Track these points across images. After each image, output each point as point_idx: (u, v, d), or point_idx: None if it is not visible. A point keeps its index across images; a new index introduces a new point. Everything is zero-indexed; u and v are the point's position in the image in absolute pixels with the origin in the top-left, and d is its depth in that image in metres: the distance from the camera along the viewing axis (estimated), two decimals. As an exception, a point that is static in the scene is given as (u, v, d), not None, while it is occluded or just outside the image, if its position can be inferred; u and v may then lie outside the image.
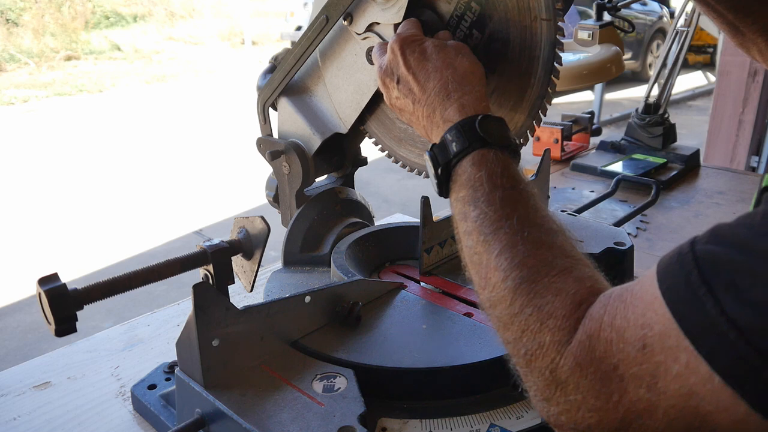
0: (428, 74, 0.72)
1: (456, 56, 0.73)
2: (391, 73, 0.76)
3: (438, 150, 0.67)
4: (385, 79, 0.77)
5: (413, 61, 0.74)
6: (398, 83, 0.75)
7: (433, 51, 0.74)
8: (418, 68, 0.73)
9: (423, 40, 0.76)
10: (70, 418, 0.87)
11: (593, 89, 6.42)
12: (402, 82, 0.75)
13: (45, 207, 4.95)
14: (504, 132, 0.67)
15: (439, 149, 0.67)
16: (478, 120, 0.66)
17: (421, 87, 0.72)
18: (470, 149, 0.65)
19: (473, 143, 0.65)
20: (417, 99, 0.72)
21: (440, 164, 0.67)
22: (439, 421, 0.70)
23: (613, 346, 0.47)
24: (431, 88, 0.71)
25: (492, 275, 0.57)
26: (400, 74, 0.75)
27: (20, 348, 3.13)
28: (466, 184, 0.64)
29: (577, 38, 1.87)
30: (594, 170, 1.95)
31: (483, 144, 0.65)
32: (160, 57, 12.07)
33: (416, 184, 4.98)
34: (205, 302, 0.68)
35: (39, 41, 11.55)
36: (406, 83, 0.74)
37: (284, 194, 1.07)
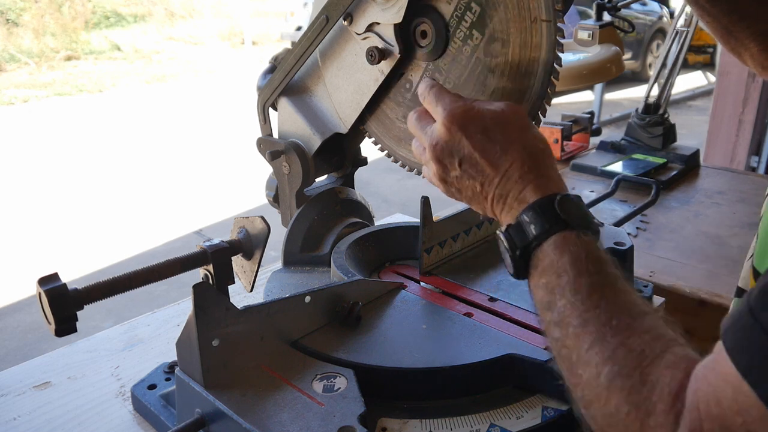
0: (499, 155, 0.66)
1: (521, 131, 0.68)
2: (450, 153, 0.69)
3: (514, 232, 0.63)
4: (443, 158, 0.70)
5: (479, 141, 0.67)
6: (461, 164, 0.68)
7: (497, 127, 0.67)
8: (487, 148, 0.66)
9: (480, 113, 0.69)
10: (70, 418, 0.87)
11: (593, 89, 6.42)
12: (467, 163, 0.68)
13: (45, 207, 4.95)
14: (584, 212, 0.64)
15: (515, 231, 0.63)
16: (557, 200, 0.62)
17: (494, 168, 0.66)
18: (551, 232, 0.60)
19: (553, 226, 0.60)
20: (488, 181, 0.67)
21: (518, 247, 0.62)
22: (439, 421, 0.70)
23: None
24: (505, 169, 0.65)
25: (584, 371, 0.54)
26: (464, 155, 0.68)
27: (20, 348, 3.13)
28: (548, 270, 0.59)
29: (577, 38, 1.87)
30: (594, 170, 1.95)
31: (564, 226, 0.60)
32: (160, 57, 12.07)
33: (416, 184, 4.99)
34: (205, 302, 0.68)
35: (39, 41, 11.55)
36: (474, 165, 0.67)
37: (284, 194, 1.07)
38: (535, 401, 0.72)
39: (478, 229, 1.02)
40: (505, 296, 0.88)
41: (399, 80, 0.96)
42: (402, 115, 0.98)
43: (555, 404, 0.71)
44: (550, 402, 0.71)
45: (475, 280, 0.92)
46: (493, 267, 0.96)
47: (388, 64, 0.92)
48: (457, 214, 0.98)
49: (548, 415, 0.70)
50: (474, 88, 0.89)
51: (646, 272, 1.35)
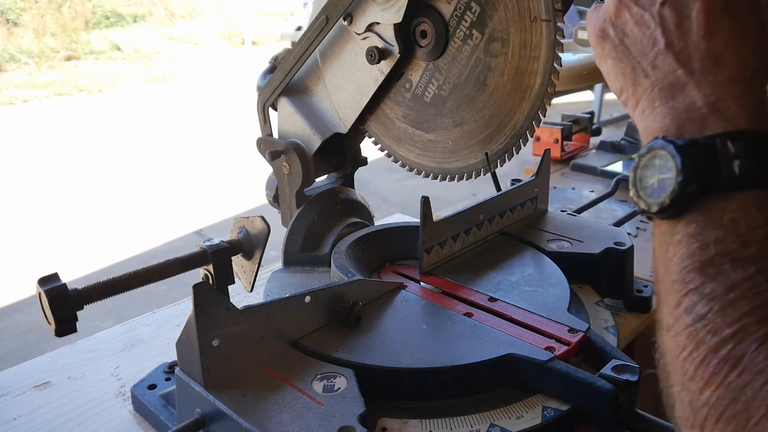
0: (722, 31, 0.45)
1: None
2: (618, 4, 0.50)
3: (698, 154, 0.42)
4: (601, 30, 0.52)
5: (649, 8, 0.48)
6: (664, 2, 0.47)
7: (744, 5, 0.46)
8: (715, 11, 0.45)
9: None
10: (70, 418, 0.87)
11: (593, 89, 6.42)
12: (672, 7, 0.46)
13: (45, 207, 4.95)
14: None
15: (700, 154, 0.42)
16: None
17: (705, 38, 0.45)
18: (761, 182, 0.41)
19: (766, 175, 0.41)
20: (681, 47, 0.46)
21: (698, 180, 0.42)
22: (439, 421, 0.70)
23: None
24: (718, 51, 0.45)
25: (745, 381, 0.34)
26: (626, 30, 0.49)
27: (20, 348, 3.13)
28: (731, 229, 0.40)
29: (577, 38, 1.86)
30: (594, 170, 1.95)
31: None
32: (160, 57, 12.07)
33: (416, 184, 4.99)
34: (205, 302, 0.67)
35: (39, 41, 11.55)
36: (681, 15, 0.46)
37: (284, 194, 1.07)
38: (535, 401, 0.72)
39: (478, 229, 1.02)
40: (505, 296, 0.88)
41: (399, 80, 0.96)
42: (402, 115, 0.98)
43: (555, 404, 0.71)
44: (550, 402, 0.71)
45: (475, 280, 0.92)
46: (493, 267, 0.96)
47: (388, 64, 0.92)
48: (457, 214, 0.98)
49: (548, 415, 0.70)
50: (474, 88, 0.89)
51: (646, 272, 1.35)
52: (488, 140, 0.92)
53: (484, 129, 0.91)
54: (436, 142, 0.97)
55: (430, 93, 0.93)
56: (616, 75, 0.51)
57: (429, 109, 0.95)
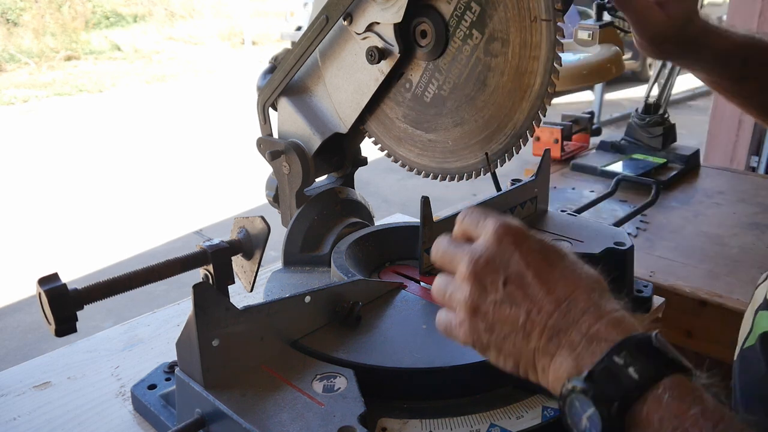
0: (557, 279, 0.53)
1: (580, 264, 0.55)
2: (494, 269, 0.55)
3: (601, 380, 0.46)
4: (484, 276, 0.55)
5: (535, 259, 0.54)
6: (506, 284, 0.54)
7: (555, 252, 0.55)
8: (543, 268, 0.53)
9: (535, 234, 0.57)
10: (70, 418, 0.87)
11: (593, 89, 6.42)
12: (514, 284, 0.53)
13: (45, 207, 4.95)
14: (678, 353, 0.49)
15: (603, 378, 0.46)
16: (655, 337, 0.48)
17: (550, 293, 0.52)
18: (660, 376, 0.46)
19: (662, 368, 0.46)
20: (538, 308, 0.52)
21: (614, 400, 0.45)
22: (439, 421, 0.70)
23: None
24: (565, 296, 0.52)
25: None
26: (511, 273, 0.54)
27: (20, 348, 3.13)
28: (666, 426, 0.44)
29: (577, 38, 1.87)
30: (594, 170, 1.95)
31: (675, 368, 0.46)
32: (160, 57, 12.08)
33: (416, 184, 5.00)
34: (205, 302, 0.67)
35: (39, 41, 11.55)
36: (523, 286, 0.53)
37: (284, 194, 1.07)
38: (535, 401, 0.72)
39: (478, 229, 1.02)
40: (505, 296, 0.87)
41: (399, 80, 0.96)
42: (402, 115, 0.98)
43: (555, 404, 0.71)
44: (550, 402, 0.71)
45: (475, 280, 0.92)
46: (493, 267, 0.96)
47: (388, 64, 0.92)
48: (457, 214, 0.98)
49: (548, 415, 0.70)
50: (474, 88, 0.89)
51: (646, 272, 1.35)
52: (488, 140, 0.92)
53: (484, 129, 0.91)
54: (436, 142, 0.97)
55: (430, 93, 0.93)
56: (505, 359, 0.56)
57: (429, 109, 0.95)
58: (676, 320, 1.34)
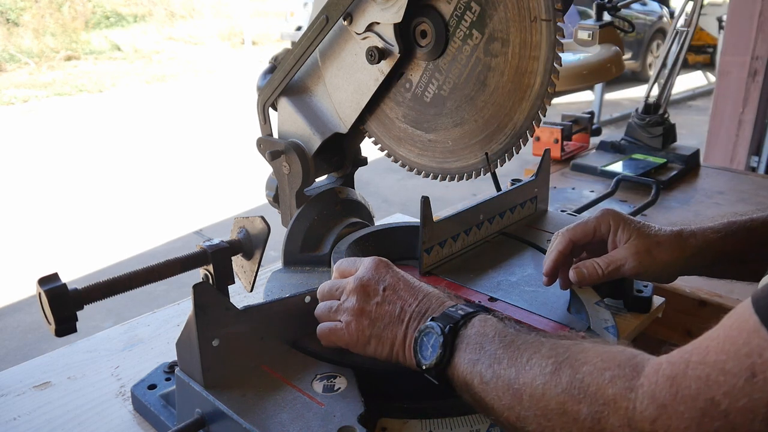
0: (419, 287, 0.73)
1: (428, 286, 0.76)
2: (376, 282, 0.74)
3: (441, 319, 0.67)
4: (368, 286, 0.74)
5: (403, 277, 0.75)
6: (385, 290, 0.73)
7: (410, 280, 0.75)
8: (410, 282, 0.74)
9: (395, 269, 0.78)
10: (70, 418, 0.87)
11: (593, 89, 6.42)
12: (390, 290, 0.73)
13: (45, 207, 4.95)
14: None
15: (442, 319, 0.67)
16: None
17: (415, 293, 0.72)
18: (475, 313, 0.67)
19: (477, 310, 0.68)
20: (408, 303, 0.72)
21: (447, 325, 0.66)
22: (439, 421, 0.70)
23: (710, 380, 0.45)
24: (424, 293, 0.72)
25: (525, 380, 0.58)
26: (388, 284, 0.74)
27: (20, 348, 3.13)
28: (476, 339, 0.64)
29: (577, 38, 1.87)
30: (594, 170, 1.95)
31: (486, 312, 0.68)
32: (160, 57, 12.07)
33: (416, 184, 5.00)
34: (205, 302, 0.67)
35: (39, 41, 11.55)
36: (397, 291, 0.73)
37: (284, 194, 1.07)
38: (535, 401, 0.72)
39: (478, 229, 1.02)
40: (505, 296, 0.88)
41: (399, 80, 0.96)
42: (402, 115, 0.98)
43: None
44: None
45: (475, 280, 0.92)
46: (493, 267, 0.96)
47: (388, 64, 0.92)
48: (457, 214, 0.98)
49: (548, 415, 0.70)
50: (474, 88, 0.89)
51: (646, 272, 1.35)
52: (488, 140, 0.92)
53: (484, 129, 0.91)
54: (436, 142, 0.97)
55: (430, 93, 0.93)
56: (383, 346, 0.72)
57: (429, 109, 0.95)
58: (676, 320, 1.34)
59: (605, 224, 0.84)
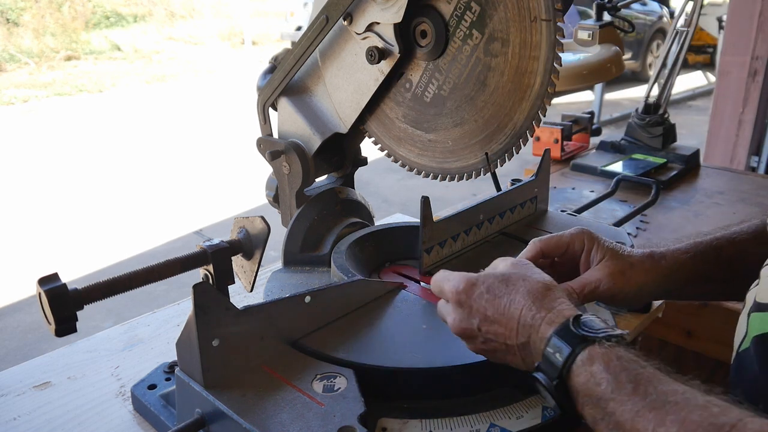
0: (507, 306, 0.68)
1: (523, 279, 0.69)
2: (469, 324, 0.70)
3: (545, 367, 0.62)
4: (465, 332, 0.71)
5: (486, 300, 0.69)
6: (480, 329, 0.69)
7: (500, 283, 0.69)
8: (495, 304, 0.68)
9: (481, 279, 0.71)
10: (70, 418, 0.87)
11: (593, 89, 6.42)
12: (485, 325, 0.69)
13: (45, 207, 4.94)
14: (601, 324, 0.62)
15: (545, 366, 0.62)
16: (571, 322, 0.62)
17: (508, 320, 0.67)
18: (576, 352, 0.60)
19: (576, 346, 0.60)
20: (508, 335, 0.67)
21: (553, 378, 0.61)
22: (439, 421, 0.70)
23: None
24: (516, 317, 0.66)
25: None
26: (480, 320, 0.69)
27: (20, 348, 3.13)
28: (587, 386, 0.58)
29: (577, 38, 1.87)
30: (594, 170, 1.95)
31: (587, 343, 0.60)
32: (160, 57, 12.07)
33: (416, 184, 5.00)
34: (205, 302, 0.67)
35: (39, 41, 11.55)
36: (491, 323, 0.68)
37: (284, 194, 1.07)
38: (535, 401, 0.72)
39: (478, 229, 1.02)
40: (505, 296, 0.87)
41: (399, 80, 0.96)
42: (402, 115, 0.98)
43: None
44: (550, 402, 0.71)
45: (475, 280, 0.92)
46: (493, 267, 0.96)
47: (388, 64, 0.92)
48: (457, 214, 0.98)
49: (548, 415, 0.70)
50: (474, 88, 0.89)
51: (646, 272, 1.35)
52: (488, 140, 0.92)
53: (484, 129, 0.91)
54: (436, 142, 0.97)
55: (430, 93, 0.93)
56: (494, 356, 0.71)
57: (429, 109, 0.95)
58: (676, 320, 1.34)
59: (579, 242, 0.82)
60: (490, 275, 0.71)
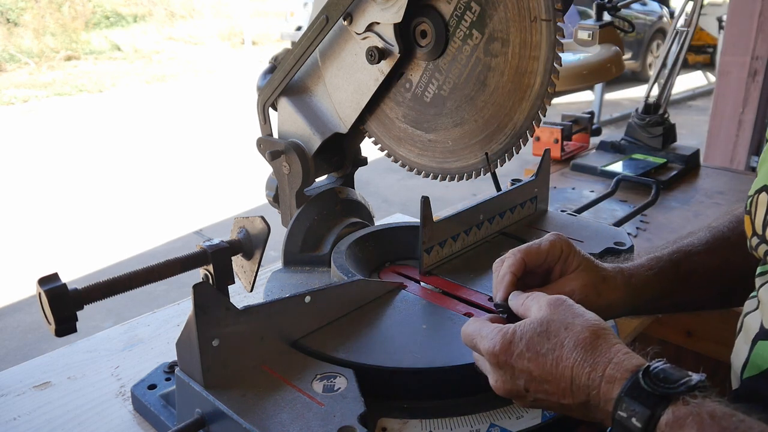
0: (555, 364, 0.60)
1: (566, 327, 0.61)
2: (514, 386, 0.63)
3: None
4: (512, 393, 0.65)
5: (529, 360, 0.61)
6: (528, 390, 0.62)
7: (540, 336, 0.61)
8: (540, 362, 0.60)
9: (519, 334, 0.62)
10: (70, 418, 0.87)
11: (593, 89, 6.42)
12: (533, 385, 0.62)
13: (45, 207, 4.95)
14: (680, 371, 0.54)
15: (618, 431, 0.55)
16: (640, 377, 0.53)
17: (558, 380, 0.60)
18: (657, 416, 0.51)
19: (657, 406, 0.52)
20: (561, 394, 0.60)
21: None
22: (439, 421, 0.70)
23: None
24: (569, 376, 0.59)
25: None
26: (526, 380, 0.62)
27: (20, 348, 3.13)
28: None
29: (577, 38, 1.87)
30: (594, 170, 1.95)
31: (668, 401, 0.52)
32: (160, 57, 12.07)
33: (416, 184, 5.00)
34: (205, 302, 0.67)
35: (39, 41, 11.55)
36: (540, 383, 0.61)
37: (284, 194, 1.07)
38: (535, 401, 0.72)
39: (478, 229, 1.02)
40: (505, 296, 0.87)
41: (399, 80, 0.96)
42: (402, 115, 0.98)
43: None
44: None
45: (475, 280, 0.92)
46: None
47: (388, 64, 0.92)
48: (457, 214, 0.98)
49: (548, 415, 0.70)
50: (474, 88, 0.89)
51: (646, 272, 1.35)
52: (488, 140, 0.92)
53: (484, 129, 0.91)
54: (436, 142, 0.97)
55: (430, 93, 0.93)
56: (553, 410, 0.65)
57: (429, 109, 0.95)
58: (676, 320, 1.34)
59: (557, 249, 0.78)
60: (527, 327, 0.63)
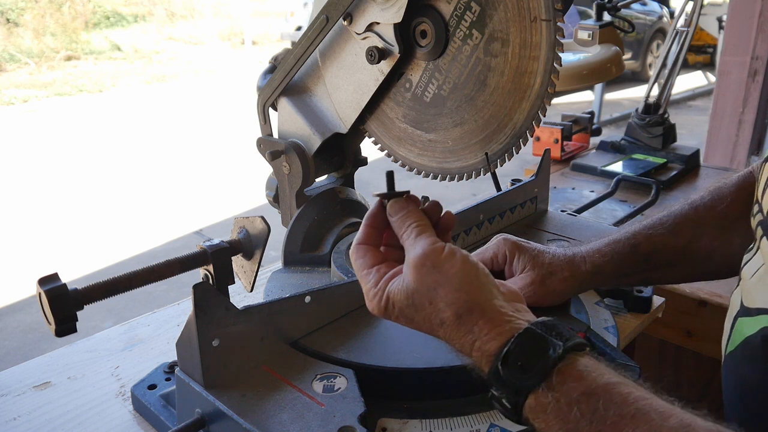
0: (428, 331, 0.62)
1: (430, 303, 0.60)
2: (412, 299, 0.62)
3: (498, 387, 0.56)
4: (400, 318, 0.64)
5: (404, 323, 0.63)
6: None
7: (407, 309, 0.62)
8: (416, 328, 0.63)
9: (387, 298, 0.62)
10: (70, 418, 0.87)
11: (593, 89, 6.42)
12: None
13: (45, 207, 4.95)
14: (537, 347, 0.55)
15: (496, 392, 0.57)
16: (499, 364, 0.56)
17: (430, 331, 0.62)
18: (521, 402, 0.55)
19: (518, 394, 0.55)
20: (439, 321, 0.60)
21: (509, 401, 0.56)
22: (439, 421, 0.70)
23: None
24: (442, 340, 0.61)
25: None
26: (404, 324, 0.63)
27: (20, 348, 3.13)
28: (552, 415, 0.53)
29: (577, 38, 1.87)
30: (594, 170, 1.95)
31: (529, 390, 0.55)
32: (160, 57, 12.07)
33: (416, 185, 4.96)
34: (205, 302, 0.67)
35: (39, 41, 11.55)
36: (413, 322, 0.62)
37: (284, 194, 1.07)
38: (535, 401, 0.72)
39: (478, 229, 1.02)
40: (505, 296, 0.87)
41: (399, 80, 0.96)
42: (402, 115, 0.98)
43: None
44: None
45: (475, 280, 0.92)
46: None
47: (388, 64, 0.92)
48: (457, 214, 0.98)
49: (548, 415, 0.70)
50: (474, 88, 0.89)
51: (646, 272, 1.35)
52: (488, 140, 0.92)
53: (484, 129, 0.91)
54: (436, 142, 0.97)
55: (430, 93, 0.93)
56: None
57: (429, 109, 0.95)
58: (676, 320, 1.34)
59: (501, 254, 0.83)
60: (398, 297, 0.61)
